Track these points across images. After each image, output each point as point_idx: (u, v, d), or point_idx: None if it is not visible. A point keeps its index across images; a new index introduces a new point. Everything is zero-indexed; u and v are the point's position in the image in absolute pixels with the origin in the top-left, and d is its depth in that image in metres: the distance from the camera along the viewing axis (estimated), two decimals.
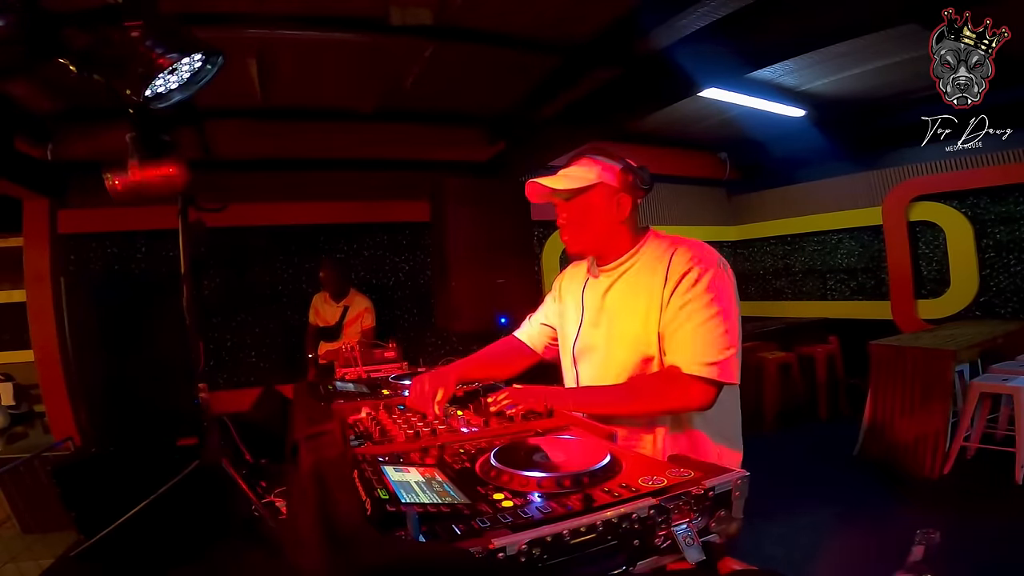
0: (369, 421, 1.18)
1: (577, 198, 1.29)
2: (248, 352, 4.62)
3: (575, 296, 1.42)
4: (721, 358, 1.15)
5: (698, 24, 2.77)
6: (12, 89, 3.15)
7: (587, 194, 1.28)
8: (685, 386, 1.16)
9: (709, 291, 1.18)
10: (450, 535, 0.64)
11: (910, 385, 3.51)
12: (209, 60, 1.53)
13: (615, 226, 1.29)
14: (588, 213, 1.28)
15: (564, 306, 1.47)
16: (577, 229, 1.30)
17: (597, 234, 1.30)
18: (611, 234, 1.30)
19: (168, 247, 4.17)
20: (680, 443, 1.23)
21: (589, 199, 1.28)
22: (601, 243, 1.31)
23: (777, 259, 6.36)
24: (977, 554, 2.39)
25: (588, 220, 1.29)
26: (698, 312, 1.17)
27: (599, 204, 1.28)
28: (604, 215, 1.28)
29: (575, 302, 1.42)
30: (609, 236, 1.30)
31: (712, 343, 1.16)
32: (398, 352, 2.42)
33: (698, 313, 1.17)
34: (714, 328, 1.16)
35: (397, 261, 5.08)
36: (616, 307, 1.30)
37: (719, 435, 1.27)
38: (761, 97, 4.23)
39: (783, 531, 2.83)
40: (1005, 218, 4.51)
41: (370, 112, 4.08)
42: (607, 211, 1.28)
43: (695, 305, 1.18)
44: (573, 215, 1.30)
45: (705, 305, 1.17)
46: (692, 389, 1.16)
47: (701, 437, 1.25)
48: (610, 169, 1.28)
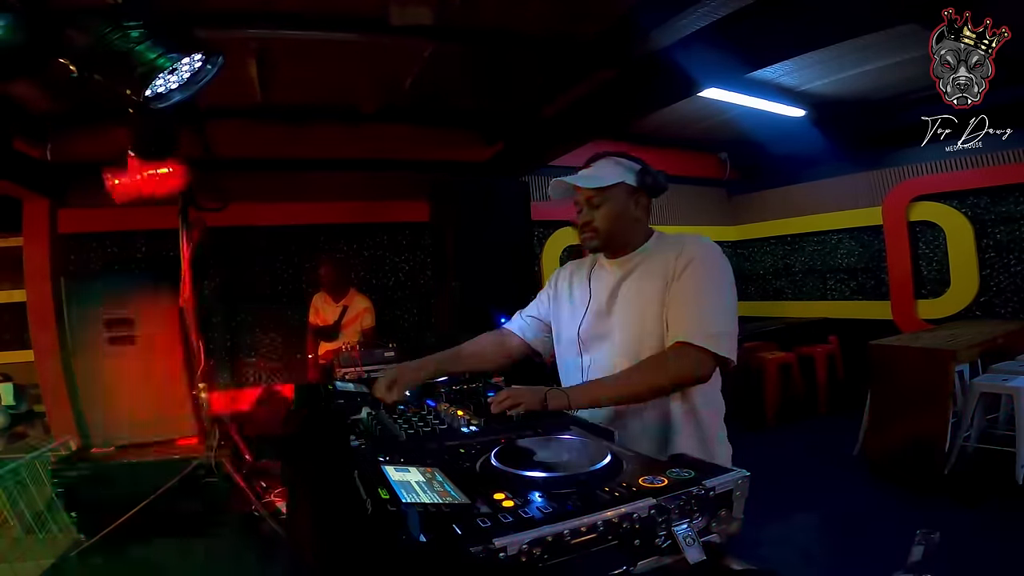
0: (369, 421, 1.18)
1: (598, 195, 1.36)
2: (248, 352, 4.61)
3: (581, 286, 1.47)
4: (720, 330, 1.22)
5: (698, 24, 2.77)
6: (12, 89, 3.15)
7: (609, 192, 1.36)
8: (683, 355, 1.22)
9: (712, 273, 1.27)
10: (451, 535, 0.64)
11: (910, 385, 3.51)
12: (209, 60, 1.53)
13: (632, 223, 1.39)
14: (608, 209, 1.36)
15: (563, 298, 1.51)
16: (597, 224, 1.37)
17: (616, 230, 1.37)
18: (628, 230, 1.39)
19: (168, 247, 4.17)
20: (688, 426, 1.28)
21: (609, 197, 1.36)
22: (618, 238, 1.39)
23: (777, 259, 6.36)
24: (977, 554, 2.39)
25: (608, 217, 1.36)
26: (701, 289, 1.25)
27: (618, 201, 1.36)
28: (623, 212, 1.37)
29: (581, 291, 1.46)
30: (626, 232, 1.39)
31: (713, 317, 1.23)
32: (398, 352, 2.42)
33: (701, 290, 1.25)
34: (716, 304, 1.25)
35: (397, 261, 5.08)
36: (630, 296, 1.35)
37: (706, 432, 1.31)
38: (761, 97, 4.23)
39: (783, 531, 2.83)
40: (1005, 218, 4.51)
41: (370, 112, 4.09)
42: (626, 208, 1.37)
43: (699, 283, 1.26)
44: (593, 212, 1.37)
45: (709, 284, 1.26)
46: (689, 358, 1.21)
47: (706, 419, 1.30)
48: (630, 169, 1.37)
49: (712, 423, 1.32)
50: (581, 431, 1.10)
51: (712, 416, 1.32)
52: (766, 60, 2.92)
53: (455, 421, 1.17)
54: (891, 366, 3.65)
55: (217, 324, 4.50)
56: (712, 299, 1.25)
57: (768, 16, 2.52)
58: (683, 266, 1.27)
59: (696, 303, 1.24)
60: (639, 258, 1.38)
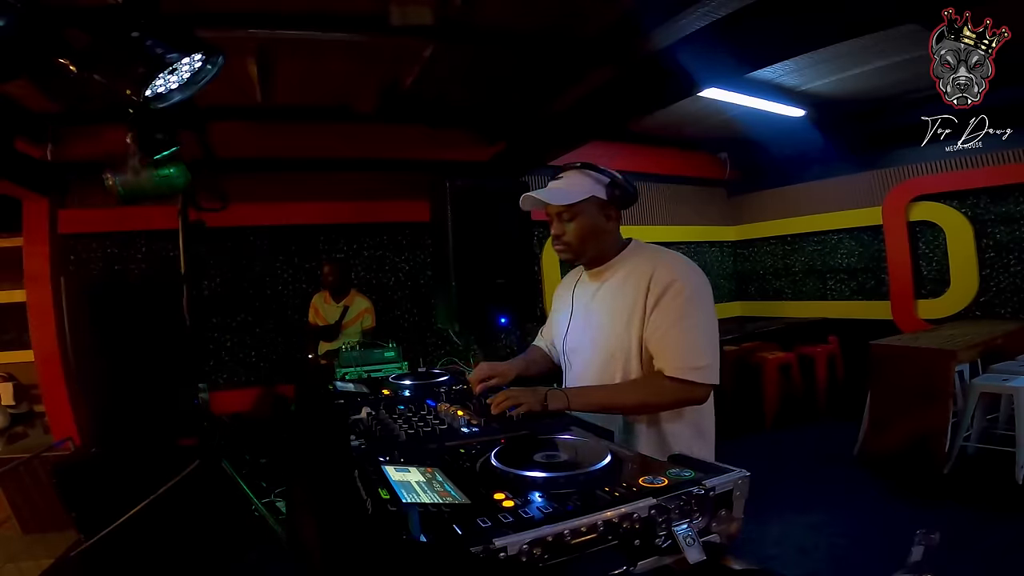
0: (369, 421, 1.18)
1: (569, 210, 1.37)
2: (248, 352, 4.61)
3: (567, 298, 1.54)
4: (707, 363, 1.25)
5: (698, 24, 2.77)
6: (12, 89, 3.15)
7: (578, 206, 1.36)
8: (676, 386, 1.25)
9: (691, 302, 1.27)
10: (451, 535, 0.64)
11: (910, 385, 3.51)
12: (209, 60, 1.53)
13: (602, 235, 1.40)
14: (579, 223, 1.37)
15: (557, 310, 1.59)
16: (568, 238, 1.39)
17: (587, 242, 1.39)
18: (600, 242, 1.41)
19: (168, 247, 4.17)
20: (652, 438, 1.31)
21: (580, 211, 1.37)
22: (590, 250, 1.41)
23: (777, 259, 6.36)
24: (977, 554, 2.39)
25: (579, 230, 1.38)
26: (681, 321, 1.26)
27: (589, 215, 1.37)
28: (592, 225, 1.38)
29: (566, 303, 1.53)
30: (598, 243, 1.41)
31: (699, 350, 1.25)
32: (398, 352, 2.42)
33: (682, 322, 1.26)
34: (698, 336, 1.26)
35: (397, 261, 5.08)
36: (601, 310, 1.40)
37: (693, 428, 1.33)
38: (761, 97, 4.23)
39: (783, 531, 2.83)
40: (1005, 218, 4.51)
41: (370, 112, 4.08)
42: (596, 221, 1.38)
43: (678, 315, 1.26)
44: (565, 225, 1.39)
45: (688, 315, 1.27)
46: (682, 390, 1.25)
47: (674, 431, 1.32)
48: (599, 182, 1.37)
49: (703, 420, 1.36)
50: (581, 431, 1.10)
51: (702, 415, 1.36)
52: (766, 60, 2.92)
53: (455, 421, 1.17)
54: (891, 366, 3.65)
55: (217, 324, 4.50)
56: (697, 330, 1.26)
57: (768, 16, 2.52)
58: (662, 290, 1.28)
59: (682, 335, 1.25)
60: (611, 271, 1.42)
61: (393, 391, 1.57)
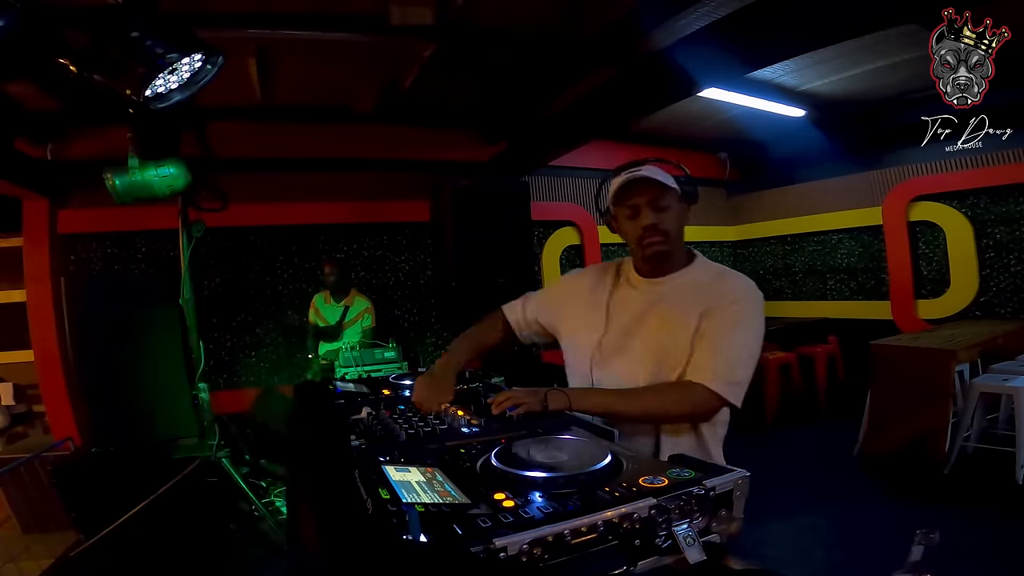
0: (369, 421, 1.18)
1: (666, 196, 1.25)
2: (248, 352, 4.61)
3: (603, 296, 1.37)
4: (740, 380, 1.19)
5: (698, 24, 2.77)
6: (12, 89, 3.15)
7: (672, 195, 1.26)
8: (694, 396, 1.18)
9: (750, 321, 1.22)
10: (451, 535, 0.64)
11: (910, 385, 3.50)
12: (209, 60, 1.53)
13: (681, 233, 1.29)
14: (673, 214, 1.26)
15: (580, 304, 1.40)
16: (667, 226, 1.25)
17: (679, 237, 1.29)
18: (682, 241, 1.30)
19: (168, 247, 4.17)
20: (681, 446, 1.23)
21: (673, 201, 1.26)
22: (676, 247, 1.29)
23: (777, 259, 6.36)
24: (977, 554, 2.39)
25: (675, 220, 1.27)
26: (737, 333, 1.20)
27: (677, 208, 1.28)
28: (681, 219, 1.29)
29: (602, 303, 1.36)
30: (681, 242, 1.30)
31: (739, 367, 1.19)
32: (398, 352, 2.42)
33: (737, 334, 1.20)
34: (746, 353, 1.21)
35: (397, 261, 5.08)
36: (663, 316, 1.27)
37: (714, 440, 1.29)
38: (761, 97, 4.23)
39: (783, 531, 2.83)
40: (1005, 218, 4.51)
41: (370, 112, 4.09)
42: (681, 215, 1.29)
43: (737, 326, 1.21)
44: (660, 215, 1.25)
45: (746, 331, 1.21)
46: (701, 400, 1.18)
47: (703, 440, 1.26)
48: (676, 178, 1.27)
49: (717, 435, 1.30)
50: (581, 431, 1.10)
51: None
52: (766, 60, 2.92)
53: (455, 421, 1.17)
54: (891, 366, 3.65)
55: (217, 324, 4.50)
56: (745, 348, 1.20)
57: (768, 16, 2.52)
58: (727, 302, 1.21)
59: (729, 347, 1.19)
60: (677, 280, 1.30)
61: (393, 391, 1.56)
